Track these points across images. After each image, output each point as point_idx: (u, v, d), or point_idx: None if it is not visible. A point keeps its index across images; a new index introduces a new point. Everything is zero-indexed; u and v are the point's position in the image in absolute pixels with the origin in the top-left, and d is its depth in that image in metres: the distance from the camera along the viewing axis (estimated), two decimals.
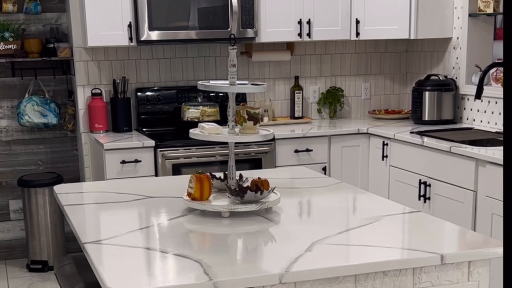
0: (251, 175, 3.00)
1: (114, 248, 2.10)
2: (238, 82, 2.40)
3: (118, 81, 4.61)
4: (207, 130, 2.40)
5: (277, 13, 4.60)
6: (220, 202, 2.41)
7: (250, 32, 4.49)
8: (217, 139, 2.39)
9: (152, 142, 4.22)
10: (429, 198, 4.02)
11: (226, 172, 2.51)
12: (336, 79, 5.20)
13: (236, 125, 2.44)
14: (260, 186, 2.39)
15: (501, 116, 4.34)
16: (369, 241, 2.16)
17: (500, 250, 2.05)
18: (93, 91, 4.61)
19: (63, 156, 4.96)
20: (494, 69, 4.38)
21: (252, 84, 2.38)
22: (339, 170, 4.60)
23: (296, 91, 4.97)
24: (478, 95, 4.11)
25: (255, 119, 2.38)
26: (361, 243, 2.15)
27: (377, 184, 4.58)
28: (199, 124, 2.45)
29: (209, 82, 2.42)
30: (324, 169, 4.56)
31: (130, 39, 4.33)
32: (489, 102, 4.45)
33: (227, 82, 2.37)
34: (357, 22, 4.74)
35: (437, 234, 2.23)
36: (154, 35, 4.32)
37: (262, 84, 2.35)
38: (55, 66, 4.76)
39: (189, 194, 2.43)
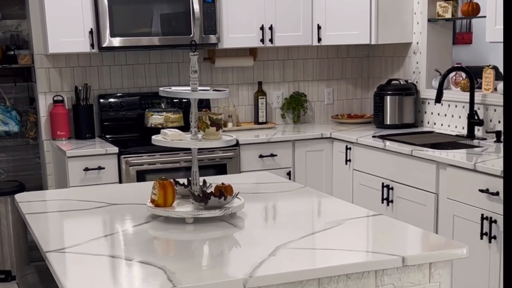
0: (215, 180, 3.00)
1: (77, 256, 2.08)
2: (200, 88, 2.40)
3: (80, 88, 4.57)
4: (169, 136, 2.40)
5: (239, 19, 4.61)
6: (184, 208, 2.41)
7: (212, 38, 4.50)
8: (180, 145, 2.39)
9: (115, 149, 4.19)
10: (392, 201, 4.07)
11: (190, 178, 2.51)
12: (299, 84, 5.23)
13: (199, 131, 2.45)
14: (223, 192, 2.40)
15: (461, 119, 4.41)
16: (332, 244, 2.18)
17: (460, 251, 2.09)
18: (55, 98, 4.57)
19: (25, 164, 4.90)
20: (454, 73, 4.46)
21: (214, 90, 2.39)
22: (303, 174, 4.63)
23: (259, 97, 4.99)
24: (438, 99, 4.18)
25: (218, 124, 2.38)
26: (324, 247, 2.17)
27: (341, 188, 4.62)
28: (162, 130, 2.45)
29: (170, 88, 2.42)
30: (289, 173, 4.59)
31: (92, 45, 4.31)
32: (449, 105, 4.52)
33: (189, 88, 2.38)
34: (319, 27, 4.78)
35: (399, 237, 2.26)
36: (116, 42, 4.30)
37: (224, 90, 2.36)
38: (16, 73, 4.70)
39: (152, 201, 2.43)
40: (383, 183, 4.12)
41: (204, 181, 2.61)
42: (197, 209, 2.38)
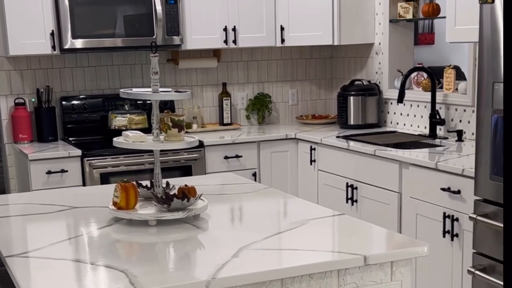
0: (179, 182, 2.99)
1: (38, 261, 2.06)
2: (162, 90, 2.39)
3: (42, 90, 4.52)
4: (131, 138, 2.39)
5: (202, 20, 4.60)
6: (146, 211, 2.39)
7: (176, 39, 4.48)
8: (142, 147, 2.38)
9: (78, 152, 4.15)
10: (356, 201, 4.10)
11: (153, 180, 2.50)
12: (264, 85, 5.24)
13: (161, 133, 2.43)
14: (187, 194, 2.39)
15: (423, 119, 4.47)
16: (295, 245, 2.19)
17: (421, 250, 2.11)
18: (16, 101, 4.51)
19: None
20: (415, 73, 4.51)
21: (175, 92, 2.38)
22: (269, 175, 4.64)
23: (224, 98, 4.99)
24: (400, 99, 4.22)
25: (180, 126, 2.37)
26: (287, 247, 2.17)
27: (307, 188, 4.64)
28: (123, 132, 2.43)
29: (132, 90, 2.40)
30: (254, 174, 4.59)
31: (53, 47, 4.26)
32: (411, 105, 4.57)
33: (150, 89, 2.37)
34: (282, 28, 4.80)
35: (361, 236, 2.28)
36: (78, 43, 4.26)
37: (185, 91, 2.35)
38: None
39: (114, 204, 2.41)
40: (347, 183, 4.15)
41: (167, 183, 2.60)
42: (160, 211, 2.36)
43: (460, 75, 4.63)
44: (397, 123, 4.73)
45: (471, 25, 3.33)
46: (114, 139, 2.45)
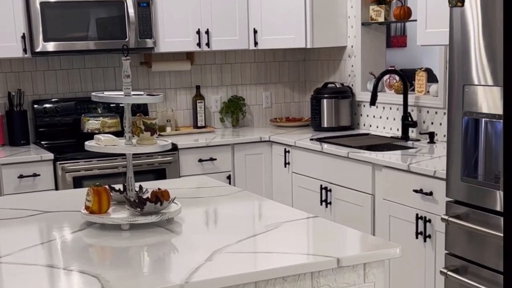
0: (153, 186, 2.98)
1: (9, 266, 2.03)
2: (134, 93, 2.38)
3: (13, 93, 4.47)
4: (103, 142, 2.37)
5: (175, 23, 4.59)
6: (119, 215, 2.38)
7: (149, 42, 4.47)
8: (114, 151, 2.37)
9: (51, 155, 4.12)
10: (330, 203, 4.12)
11: (126, 184, 2.49)
12: (237, 88, 5.24)
13: (133, 136, 2.42)
14: (160, 197, 2.38)
15: (395, 121, 4.50)
16: (268, 247, 2.20)
17: (393, 251, 2.13)
18: None
19: None
20: (387, 76, 4.55)
21: (147, 95, 2.38)
22: (243, 178, 4.64)
23: (198, 101, 4.98)
24: (373, 102, 4.25)
25: (152, 129, 2.37)
26: (261, 250, 2.18)
27: (281, 190, 4.65)
28: (95, 136, 2.42)
29: (103, 93, 2.39)
30: (229, 177, 4.59)
31: (25, 50, 4.22)
32: (383, 108, 4.61)
33: (122, 93, 2.36)
34: (255, 31, 4.81)
35: (334, 239, 2.29)
36: (50, 46, 4.23)
37: (157, 95, 2.35)
38: None
39: (87, 208, 2.39)
40: (321, 185, 4.16)
41: (140, 187, 2.59)
42: (133, 215, 2.35)
43: (432, 78, 4.67)
44: (370, 126, 4.76)
45: (442, 28, 3.37)
46: (86, 142, 2.43)
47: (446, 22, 3.02)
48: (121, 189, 2.55)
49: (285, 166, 4.56)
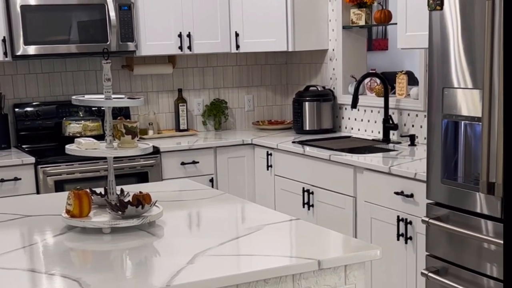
0: (134, 189, 2.97)
1: None
2: (114, 96, 2.38)
3: None
4: (83, 145, 2.37)
5: (157, 26, 4.59)
6: (100, 218, 2.38)
7: (130, 46, 4.46)
8: (94, 154, 2.37)
9: (32, 159, 4.10)
10: (312, 206, 4.13)
11: (107, 187, 2.48)
12: (219, 91, 5.25)
13: (114, 140, 2.42)
14: (141, 200, 2.38)
15: (376, 124, 4.53)
16: (250, 250, 2.20)
17: (373, 253, 2.14)
18: None
19: None
20: (368, 79, 4.57)
21: (128, 98, 2.38)
22: (226, 181, 4.64)
23: (180, 104, 4.98)
24: (354, 105, 4.27)
25: (133, 133, 2.37)
26: (242, 253, 2.18)
27: (264, 193, 4.65)
28: (76, 139, 2.41)
29: (84, 96, 2.39)
30: (212, 180, 4.59)
31: (5, 54, 4.19)
32: (365, 111, 4.63)
33: (103, 96, 2.35)
34: (237, 35, 4.82)
35: (315, 241, 2.30)
36: (31, 50, 4.21)
37: (138, 98, 2.35)
38: None
39: (67, 212, 2.38)
40: (303, 188, 4.18)
41: (122, 190, 2.58)
42: (114, 218, 2.35)
43: (413, 80, 4.70)
44: (352, 128, 4.78)
45: (422, 31, 3.40)
46: (67, 146, 2.42)
47: (426, 25, 3.04)
48: (102, 193, 2.54)
49: (268, 169, 4.57)
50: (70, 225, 2.44)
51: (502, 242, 2.69)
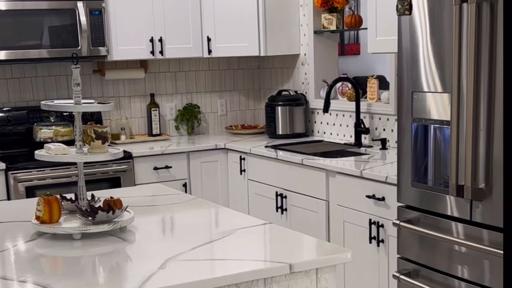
0: (106, 194, 2.96)
1: None
2: (84, 101, 2.37)
3: None
4: (53, 151, 2.35)
5: (128, 31, 4.58)
6: (71, 224, 2.36)
7: (102, 50, 4.44)
8: (64, 160, 2.35)
9: (2, 165, 4.06)
10: (286, 210, 4.14)
11: (77, 193, 2.46)
12: (192, 95, 5.24)
13: (85, 145, 2.41)
14: (112, 206, 2.37)
15: (348, 128, 4.56)
16: (222, 255, 2.20)
17: (344, 256, 2.15)
18: None
19: None
20: (340, 83, 4.60)
21: (98, 103, 2.37)
22: (199, 185, 4.64)
23: (152, 109, 4.96)
24: (326, 109, 4.30)
25: (103, 138, 2.36)
26: (214, 257, 2.18)
27: (237, 198, 4.66)
28: (45, 145, 2.40)
29: (53, 101, 2.37)
30: (185, 185, 4.58)
31: None
32: (337, 115, 4.66)
33: (72, 101, 2.34)
34: (209, 39, 4.82)
35: (287, 245, 2.31)
36: (1, 55, 4.17)
37: (108, 103, 2.34)
38: None
39: (37, 218, 2.36)
40: (276, 192, 4.19)
41: (93, 196, 2.57)
42: (84, 224, 2.33)
43: (385, 85, 4.74)
44: (324, 132, 4.80)
45: (391, 36, 3.42)
46: (36, 152, 2.41)
47: (395, 30, 3.07)
48: (73, 198, 2.53)
49: (241, 174, 4.57)
50: (40, 231, 2.42)
51: (472, 244, 2.72)
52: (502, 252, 2.59)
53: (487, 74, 2.59)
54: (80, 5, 4.33)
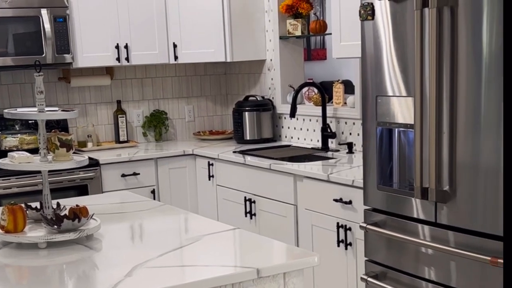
0: (72, 202, 2.93)
1: None
2: (48, 109, 2.35)
3: None
4: (16, 159, 2.33)
5: (93, 37, 4.55)
6: (36, 233, 2.34)
7: (67, 58, 4.41)
8: (28, 168, 2.33)
9: None
10: (254, 214, 4.15)
11: (42, 202, 2.44)
12: (159, 102, 5.23)
13: (49, 153, 2.39)
14: (78, 214, 2.35)
15: (315, 133, 4.58)
16: (189, 261, 2.20)
17: (311, 260, 2.16)
18: None
19: None
20: (306, 88, 4.63)
21: (62, 111, 2.35)
22: (168, 192, 4.63)
23: (119, 115, 4.94)
24: (293, 114, 4.32)
25: (68, 145, 2.34)
26: (181, 264, 2.18)
27: (206, 203, 4.65)
28: (9, 153, 2.37)
29: (16, 109, 2.35)
30: (153, 192, 4.56)
31: None
32: (303, 120, 4.68)
33: (36, 109, 2.32)
34: (175, 46, 4.81)
35: (254, 249, 2.32)
36: None
37: (72, 110, 2.32)
38: None
39: (2, 227, 2.34)
40: (245, 197, 4.19)
41: (58, 204, 2.55)
42: (50, 233, 2.31)
43: (352, 89, 4.78)
44: (292, 137, 4.83)
45: (355, 41, 3.46)
46: (0, 160, 2.38)
47: (359, 35, 3.10)
48: (38, 207, 2.50)
49: (209, 179, 4.57)
50: (5, 241, 2.39)
51: (438, 245, 2.75)
52: (468, 253, 2.63)
53: (449, 77, 2.63)
54: (44, 12, 4.30)
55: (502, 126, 2.46)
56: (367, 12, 2.96)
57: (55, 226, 2.31)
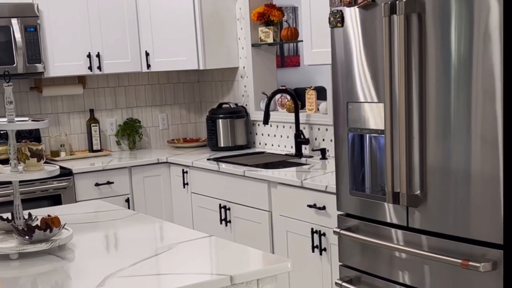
0: (44, 213, 2.91)
1: None
2: (18, 119, 2.34)
3: None
4: None
5: (65, 47, 4.53)
6: (7, 244, 2.32)
7: (38, 67, 4.39)
8: None
9: None
10: (230, 221, 4.15)
11: (14, 212, 2.42)
12: (133, 110, 5.21)
13: (19, 163, 2.37)
14: (50, 224, 2.34)
15: (289, 139, 4.60)
16: (162, 269, 2.20)
17: (284, 266, 2.17)
18: None
19: None
20: (279, 95, 4.65)
21: (32, 121, 2.34)
22: (142, 200, 4.61)
23: (92, 124, 4.92)
24: (266, 121, 4.33)
25: (39, 155, 2.33)
26: (154, 273, 2.17)
27: (181, 211, 4.64)
28: None
29: None
30: (128, 200, 4.55)
31: None
32: (277, 126, 4.70)
33: (5, 119, 2.31)
34: (147, 54, 4.81)
35: (228, 256, 2.32)
36: None
37: (42, 120, 2.31)
38: None
39: None
40: (220, 204, 4.19)
41: (30, 214, 2.53)
42: (21, 244, 2.30)
43: (325, 96, 4.81)
44: (265, 144, 4.84)
45: (326, 48, 3.48)
46: None
47: (330, 42, 3.12)
48: (9, 218, 2.48)
49: (184, 187, 4.56)
50: None
51: (411, 249, 2.77)
52: (440, 256, 2.65)
53: (418, 83, 2.66)
54: (14, 22, 4.27)
55: (471, 130, 2.49)
56: (337, 19, 2.99)
57: (27, 237, 2.29)
